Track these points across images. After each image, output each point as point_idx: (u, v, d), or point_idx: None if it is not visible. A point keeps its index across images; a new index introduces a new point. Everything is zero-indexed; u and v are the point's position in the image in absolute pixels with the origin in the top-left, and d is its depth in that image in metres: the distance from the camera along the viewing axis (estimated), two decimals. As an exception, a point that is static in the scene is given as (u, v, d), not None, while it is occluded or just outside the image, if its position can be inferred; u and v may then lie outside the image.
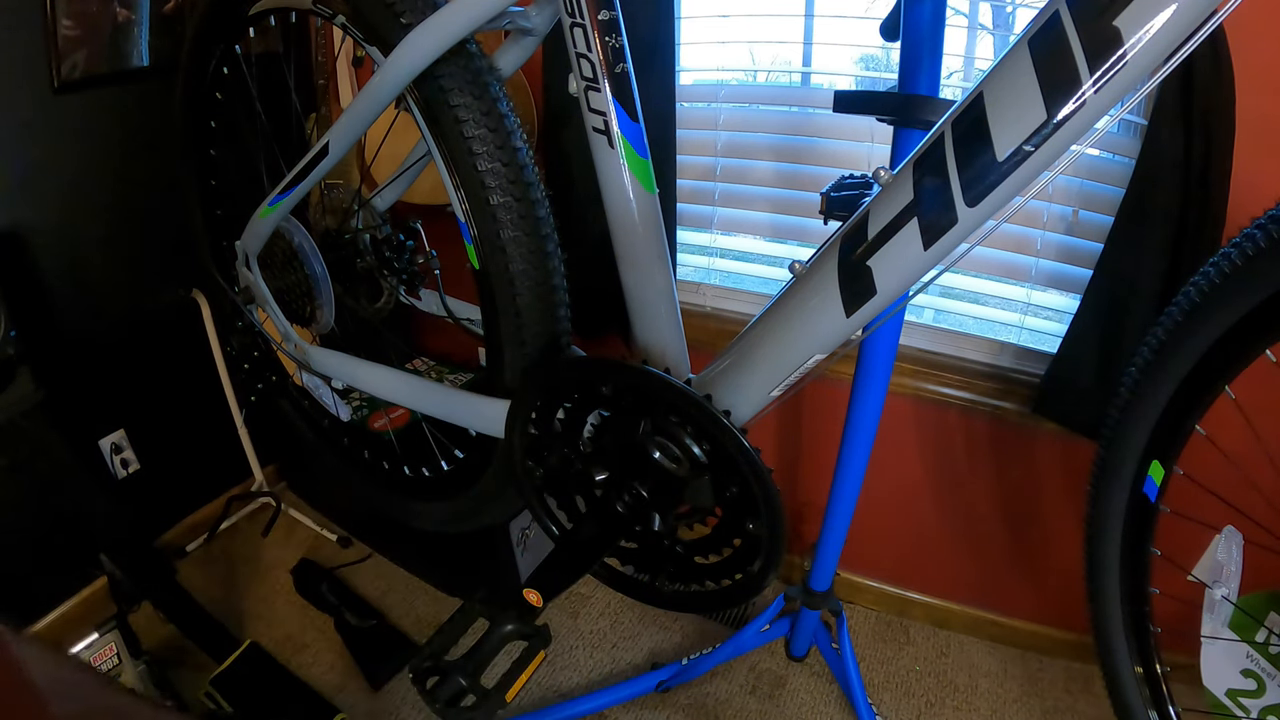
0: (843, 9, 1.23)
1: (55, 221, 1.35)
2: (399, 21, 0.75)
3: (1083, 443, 1.15)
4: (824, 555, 1.17)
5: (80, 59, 1.29)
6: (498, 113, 0.76)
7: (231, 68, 1.05)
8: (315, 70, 1.45)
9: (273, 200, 0.94)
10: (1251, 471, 0.76)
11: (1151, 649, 0.81)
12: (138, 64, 1.38)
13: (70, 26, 1.25)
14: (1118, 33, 0.44)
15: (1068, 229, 1.16)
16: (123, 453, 1.55)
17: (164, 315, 1.59)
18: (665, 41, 1.19)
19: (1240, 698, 0.78)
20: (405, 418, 1.49)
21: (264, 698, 1.29)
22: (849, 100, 0.80)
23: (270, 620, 1.51)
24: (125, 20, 1.33)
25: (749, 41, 1.36)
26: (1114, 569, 0.80)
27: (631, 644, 1.47)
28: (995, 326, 1.30)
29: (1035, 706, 1.32)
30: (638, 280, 0.77)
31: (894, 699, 1.35)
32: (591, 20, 0.68)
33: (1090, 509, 0.81)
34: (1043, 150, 0.48)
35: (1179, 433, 0.70)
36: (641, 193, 0.73)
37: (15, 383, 1.20)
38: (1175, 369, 0.67)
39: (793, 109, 1.33)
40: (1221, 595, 0.76)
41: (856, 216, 0.59)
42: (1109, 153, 1.11)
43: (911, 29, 0.79)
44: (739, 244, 1.48)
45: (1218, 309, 0.62)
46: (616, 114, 0.70)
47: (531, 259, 0.78)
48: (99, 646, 1.22)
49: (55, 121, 1.31)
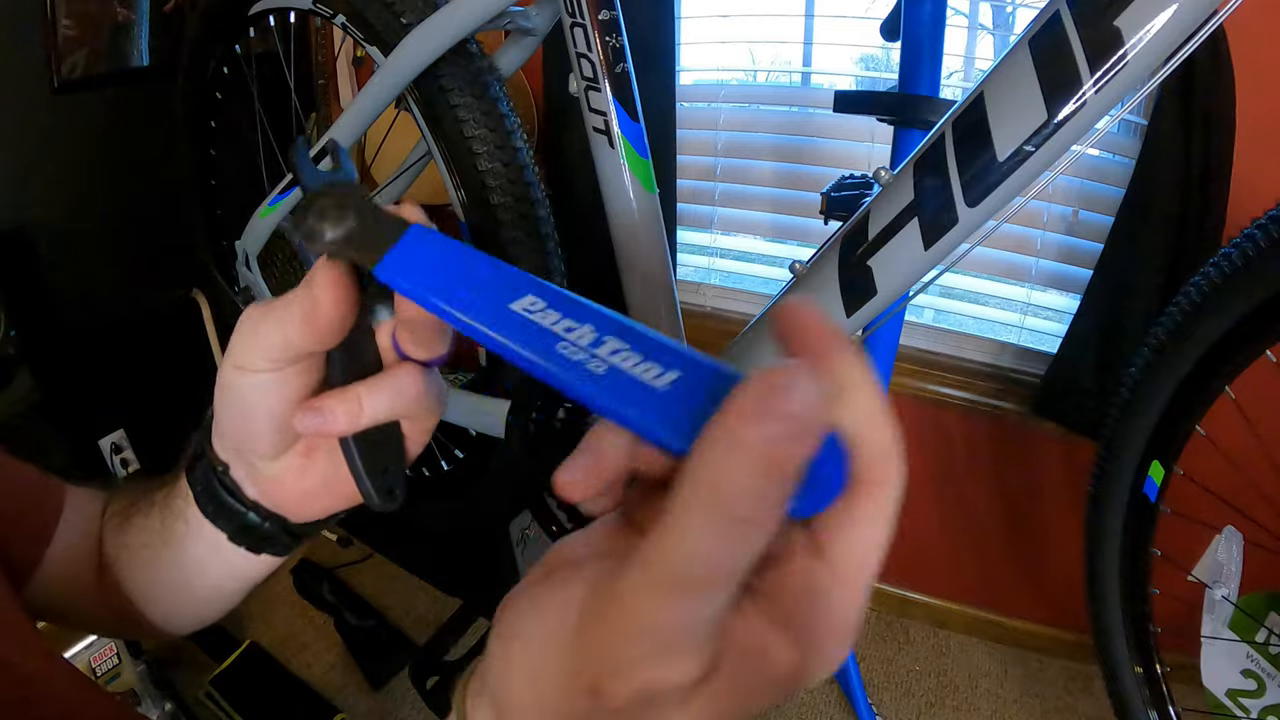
0: (843, 9, 1.23)
1: (55, 221, 1.35)
2: (399, 21, 0.75)
3: (1083, 443, 1.15)
4: (824, 555, 1.17)
5: (80, 59, 1.29)
6: (498, 113, 0.77)
7: (231, 68, 1.05)
8: (315, 70, 1.45)
9: (273, 200, 0.94)
10: (1251, 471, 0.76)
11: (1151, 649, 0.81)
12: (138, 64, 1.38)
13: (70, 26, 1.25)
14: (1118, 33, 0.44)
15: (1068, 229, 1.16)
16: (123, 453, 1.55)
17: (164, 315, 1.58)
18: (665, 41, 1.19)
19: (1240, 698, 0.78)
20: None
21: (264, 698, 1.29)
22: (849, 100, 0.80)
23: (270, 620, 1.51)
24: (125, 20, 1.33)
25: (749, 41, 1.36)
26: (1114, 569, 0.80)
27: (631, 644, 1.47)
28: (995, 326, 1.30)
29: (1035, 706, 1.32)
30: (638, 280, 0.77)
31: (894, 699, 1.35)
32: (592, 20, 0.68)
33: (1090, 509, 0.81)
34: (1043, 150, 0.48)
35: (1179, 433, 0.70)
36: (641, 193, 0.73)
37: (15, 383, 1.20)
38: (1175, 369, 0.67)
39: (793, 109, 1.33)
40: (1221, 595, 0.76)
41: (857, 217, 0.59)
42: (1109, 153, 1.11)
43: (911, 29, 0.79)
44: (739, 244, 1.48)
45: (1218, 309, 0.62)
46: (617, 114, 0.70)
47: (531, 259, 0.78)
48: (99, 646, 1.21)
49: (55, 121, 1.31)
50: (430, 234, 0.27)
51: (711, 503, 0.17)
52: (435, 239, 0.27)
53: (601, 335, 0.23)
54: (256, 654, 1.36)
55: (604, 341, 0.22)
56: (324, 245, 0.27)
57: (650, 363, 0.22)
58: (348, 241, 0.27)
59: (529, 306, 0.24)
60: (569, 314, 0.23)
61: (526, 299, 0.24)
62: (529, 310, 0.24)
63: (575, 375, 0.22)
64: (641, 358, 0.22)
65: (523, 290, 0.24)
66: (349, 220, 0.27)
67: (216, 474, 0.35)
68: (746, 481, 0.17)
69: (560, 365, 0.23)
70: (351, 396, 0.30)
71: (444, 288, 0.25)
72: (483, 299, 0.25)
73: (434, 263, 0.26)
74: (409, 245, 0.26)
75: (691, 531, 0.18)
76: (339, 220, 0.27)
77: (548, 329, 0.23)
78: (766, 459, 0.17)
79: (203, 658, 1.38)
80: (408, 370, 0.31)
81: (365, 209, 0.27)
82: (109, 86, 1.36)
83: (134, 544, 0.41)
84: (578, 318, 0.23)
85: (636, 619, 0.18)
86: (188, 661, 1.39)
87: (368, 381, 0.31)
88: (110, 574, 0.41)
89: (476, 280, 0.25)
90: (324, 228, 0.27)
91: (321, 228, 0.27)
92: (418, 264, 0.26)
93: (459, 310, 0.25)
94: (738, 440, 0.17)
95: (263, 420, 0.31)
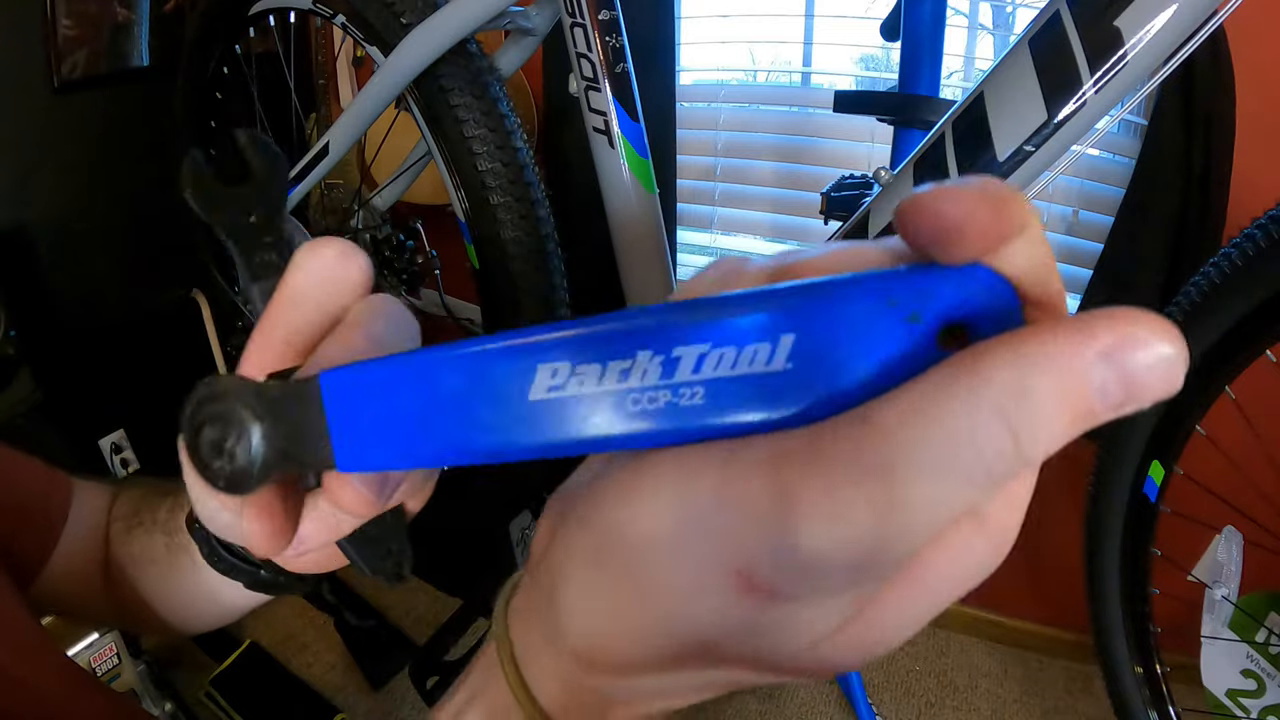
0: (843, 9, 1.23)
1: (55, 221, 1.35)
2: (399, 21, 0.75)
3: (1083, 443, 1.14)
4: (824, 555, 1.17)
5: (80, 59, 1.29)
6: (498, 113, 0.77)
7: (231, 67, 1.05)
8: (315, 70, 1.45)
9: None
10: (1251, 471, 0.76)
11: (1151, 649, 0.81)
12: (138, 64, 1.38)
13: (70, 26, 1.25)
14: (1118, 33, 0.44)
15: (1068, 229, 1.16)
16: (123, 453, 1.55)
17: (164, 315, 1.58)
18: (665, 41, 1.19)
19: (1240, 698, 0.78)
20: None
21: (264, 698, 1.29)
22: (849, 100, 0.80)
23: (270, 620, 1.51)
24: (125, 20, 1.33)
25: (749, 41, 1.36)
26: (1114, 569, 0.80)
27: (631, 644, 1.47)
28: (995, 326, 1.29)
29: (1035, 706, 1.32)
30: (638, 280, 0.77)
31: (894, 699, 1.35)
32: (592, 20, 0.68)
33: (1090, 509, 0.81)
34: (1043, 150, 0.48)
35: (1179, 433, 0.70)
36: (642, 193, 0.73)
37: (15, 383, 1.20)
38: (1175, 369, 0.67)
39: (793, 109, 1.33)
40: (1221, 595, 0.76)
41: (857, 216, 0.59)
42: (1109, 153, 1.11)
43: (911, 29, 0.79)
44: (739, 244, 1.48)
45: (1218, 309, 0.62)
46: (617, 114, 0.70)
47: (531, 259, 0.78)
48: (99, 646, 1.21)
49: (55, 121, 1.31)
50: (351, 373, 0.18)
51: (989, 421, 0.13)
52: (361, 376, 0.18)
53: (668, 352, 0.15)
54: (256, 654, 1.36)
55: (677, 359, 0.15)
56: (254, 484, 0.18)
57: (750, 345, 0.15)
58: (277, 463, 0.18)
59: (552, 382, 0.16)
60: (607, 355, 0.16)
61: (541, 375, 0.16)
62: (556, 387, 0.16)
63: (674, 424, 0.15)
64: (735, 348, 0.15)
65: (527, 367, 0.16)
66: (254, 430, 0.18)
67: (217, 539, 0.32)
68: (1056, 425, 0.13)
69: (648, 421, 0.16)
70: (324, 510, 0.26)
71: (430, 433, 0.17)
72: (490, 415, 0.17)
73: (391, 407, 0.17)
74: (340, 404, 0.18)
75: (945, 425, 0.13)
76: (241, 436, 0.18)
77: (596, 394, 0.16)
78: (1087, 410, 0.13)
79: (203, 658, 1.38)
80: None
81: (260, 400, 0.18)
82: (109, 86, 1.36)
83: (140, 557, 0.40)
84: (622, 352, 0.16)
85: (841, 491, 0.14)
86: (188, 661, 1.39)
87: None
88: (119, 576, 0.41)
89: (463, 395, 0.17)
90: (236, 465, 0.18)
91: (232, 467, 0.18)
92: (372, 423, 0.18)
93: (470, 452, 0.17)
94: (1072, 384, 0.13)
95: (231, 528, 0.28)
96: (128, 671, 1.22)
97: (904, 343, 0.15)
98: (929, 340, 0.15)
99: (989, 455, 0.13)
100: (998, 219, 0.14)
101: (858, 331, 0.15)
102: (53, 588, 0.40)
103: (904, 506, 0.13)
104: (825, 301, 0.15)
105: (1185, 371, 0.14)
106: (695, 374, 0.15)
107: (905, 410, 0.14)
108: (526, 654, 0.20)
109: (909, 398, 0.14)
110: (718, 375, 0.15)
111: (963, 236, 0.14)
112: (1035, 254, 0.15)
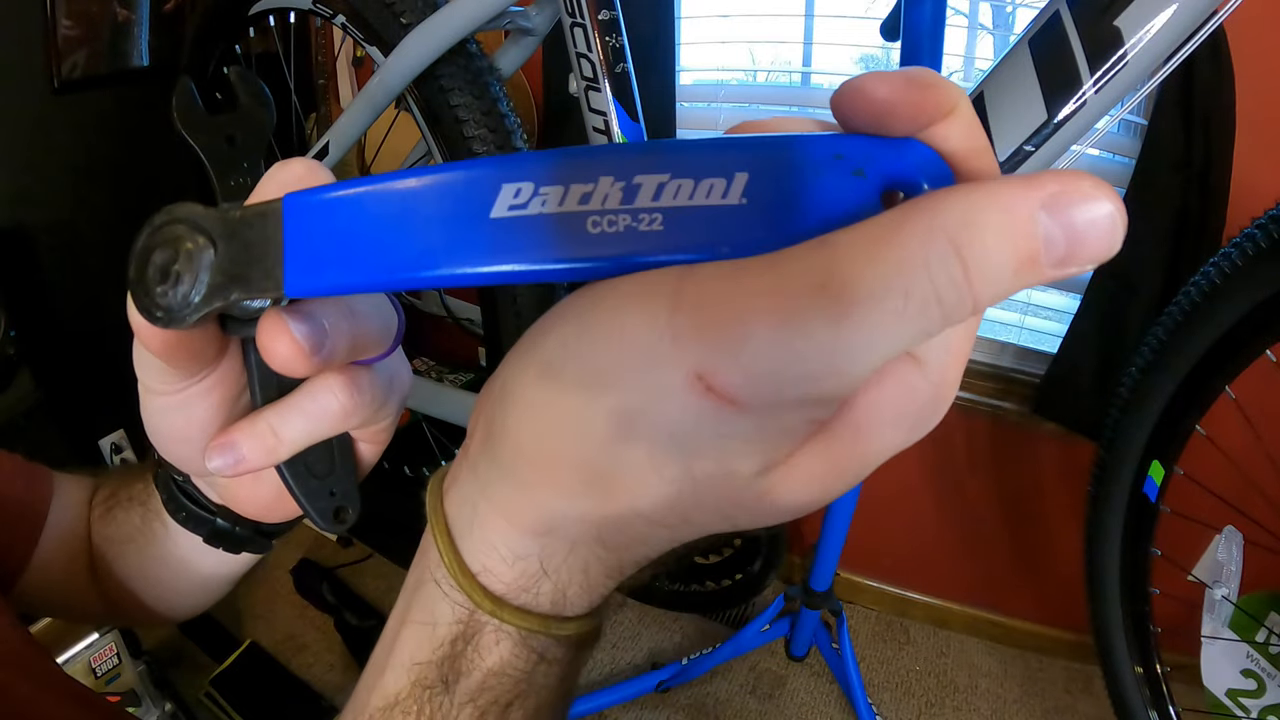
0: (843, 9, 1.23)
1: (55, 221, 1.35)
2: (399, 21, 0.75)
3: (1083, 443, 1.15)
4: (824, 555, 1.17)
5: (80, 59, 1.29)
6: (498, 113, 0.77)
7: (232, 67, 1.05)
8: (315, 70, 1.45)
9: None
10: (1251, 471, 0.76)
11: (1151, 649, 0.81)
12: (138, 64, 1.38)
13: (70, 26, 1.25)
14: (1118, 33, 0.44)
15: (1068, 229, 1.16)
16: (123, 453, 1.55)
17: (164, 315, 1.58)
18: (665, 41, 1.19)
19: (1240, 698, 0.78)
20: (405, 417, 1.49)
21: (264, 698, 1.29)
22: (849, 100, 0.80)
23: (270, 620, 1.51)
24: (125, 20, 1.33)
25: (749, 41, 1.36)
26: (1114, 569, 0.80)
27: (631, 644, 1.47)
28: (995, 326, 1.30)
29: (1035, 706, 1.32)
30: (638, 280, 0.77)
31: (894, 699, 1.35)
32: (592, 20, 0.68)
33: (1090, 509, 0.81)
34: (1043, 150, 0.48)
35: (1179, 433, 0.70)
36: (641, 193, 0.73)
37: (15, 383, 1.20)
38: (1175, 369, 0.67)
39: (793, 109, 1.33)
40: (1221, 595, 0.76)
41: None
42: (1109, 153, 1.11)
43: (911, 29, 0.79)
44: (739, 244, 1.48)
45: (1218, 309, 0.63)
46: (617, 114, 0.70)
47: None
48: (99, 646, 1.21)
49: (55, 121, 1.31)
50: (315, 193, 0.18)
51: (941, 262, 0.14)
52: (326, 195, 0.18)
53: (629, 179, 0.16)
54: (256, 654, 1.36)
55: (638, 186, 0.16)
56: (192, 312, 0.19)
57: (708, 179, 0.16)
58: (222, 288, 0.18)
59: (515, 201, 0.16)
60: (571, 178, 0.16)
61: (505, 193, 0.16)
62: (518, 206, 0.16)
63: (632, 247, 0.16)
64: (693, 180, 0.16)
65: (491, 184, 0.16)
66: (205, 253, 0.18)
67: (176, 483, 0.33)
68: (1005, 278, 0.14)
69: (608, 247, 0.16)
70: (262, 428, 0.25)
71: (387, 250, 0.17)
72: (449, 231, 0.17)
73: (352, 225, 0.17)
74: (300, 224, 0.18)
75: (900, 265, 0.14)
76: (192, 257, 0.18)
77: (560, 214, 0.16)
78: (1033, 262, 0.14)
79: (203, 658, 1.38)
80: (327, 384, 0.25)
81: (219, 219, 0.19)
82: (109, 86, 1.36)
83: (118, 537, 0.39)
84: (585, 176, 0.16)
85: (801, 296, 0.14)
86: (188, 661, 1.39)
87: (278, 405, 0.26)
88: (100, 563, 0.40)
89: (425, 212, 0.17)
90: (178, 290, 0.18)
91: (175, 293, 0.19)
92: (329, 242, 0.18)
93: (426, 269, 0.17)
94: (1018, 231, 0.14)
95: (178, 444, 0.28)
96: (128, 671, 1.22)
97: (851, 193, 0.15)
98: (874, 196, 0.16)
99: (941, 281, 0.14)
100: (925, 99, 0.15)
101: (808, 177, 0.15)
102: (38, 588, 0.39)
103: (858, 323, 0.14)
104: (778, 148, 0.16)
105: (1124, 234, 0.14)
106: (655, 201, 0.16)
107: (864, 236, 0.14)
108: (462, 527, 0.20)
109: (867, 227, 0.14)
110: (676, 204, 0.16)
111: (894, 115, 0.15)
112: (967, 133, 0.16)
